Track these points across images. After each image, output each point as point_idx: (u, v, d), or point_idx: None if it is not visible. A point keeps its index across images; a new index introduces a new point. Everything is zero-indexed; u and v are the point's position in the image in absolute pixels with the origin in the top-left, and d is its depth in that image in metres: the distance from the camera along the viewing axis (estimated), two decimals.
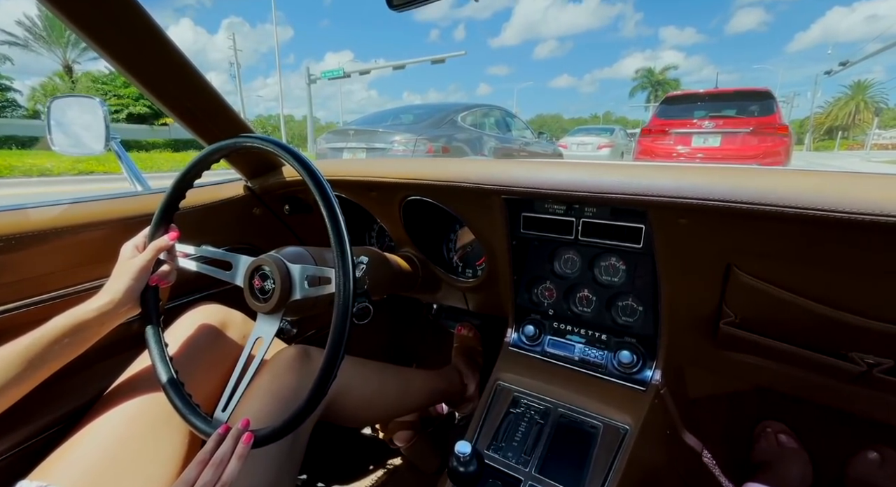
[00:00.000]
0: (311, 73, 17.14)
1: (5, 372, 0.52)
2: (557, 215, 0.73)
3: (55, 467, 0.59)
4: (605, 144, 9.39)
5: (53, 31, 22.76)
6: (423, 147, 4.58)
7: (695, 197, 0.52)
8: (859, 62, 21.21)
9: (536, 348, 0.83)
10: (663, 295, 0.69)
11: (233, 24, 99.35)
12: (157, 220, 0.65)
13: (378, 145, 4.57)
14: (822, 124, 41.45)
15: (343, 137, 4.84)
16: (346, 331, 0.49)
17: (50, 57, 23.47)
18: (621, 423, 0.68)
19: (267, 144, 0.58)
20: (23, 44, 23.02)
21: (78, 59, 23.97)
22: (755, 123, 4.88)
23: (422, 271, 0.97)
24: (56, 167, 7.96)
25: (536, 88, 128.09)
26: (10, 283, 0.61)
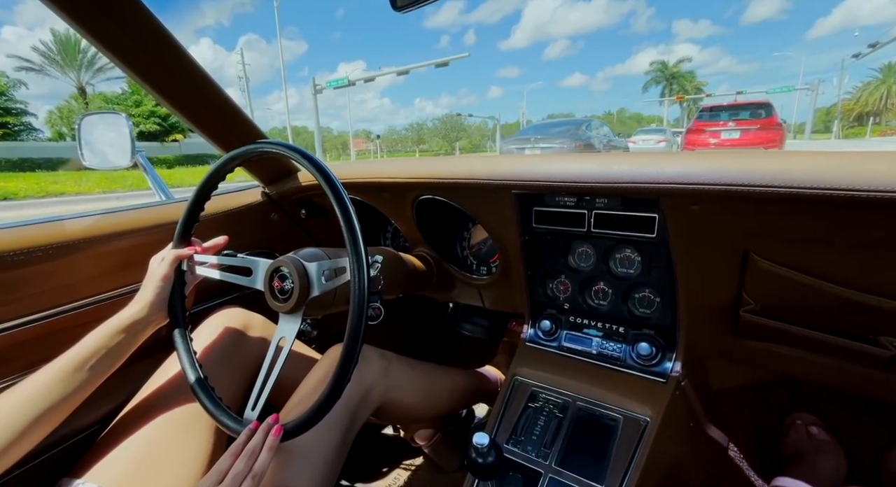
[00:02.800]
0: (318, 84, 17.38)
1: (57, 389, 0.55)
2: (569, 208, 0.73)
3: (92, 465, 0.62)
4: (662, 139, 13.42)
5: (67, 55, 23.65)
6: (571, 145, 8.34)
7: (705, 182, 0.52)
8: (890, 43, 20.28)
9: (553, 343, 0.83)
10: (680, 285, 0.68)
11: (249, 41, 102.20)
12: (179, 234, 0.69)
13: (544, 145, 8.26)
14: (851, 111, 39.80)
15: (523, 142, 8.85)
16: (364, 315, 0.50)
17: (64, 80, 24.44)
18: (641, 415, 0.68)
19: (282, 149, 0.60)
20: (38, 69, 23.99)
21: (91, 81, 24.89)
22: (761, 123, 8.35)
23: (436, 270, 0.98)
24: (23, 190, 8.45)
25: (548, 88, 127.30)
26: (47, 290, 0.65)
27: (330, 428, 0.65)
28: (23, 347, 0.63)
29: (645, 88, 53.37)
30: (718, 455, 0.83)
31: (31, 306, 0.63)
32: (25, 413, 0.53)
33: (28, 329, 0.63)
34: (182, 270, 0.69)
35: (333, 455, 0.64)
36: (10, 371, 0.63)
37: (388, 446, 1.16)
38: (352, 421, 0.69)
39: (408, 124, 54.56)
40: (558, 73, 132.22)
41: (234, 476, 0.50)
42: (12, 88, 22.74)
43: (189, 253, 0.69)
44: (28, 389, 0.54)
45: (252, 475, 0.51)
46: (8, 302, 0.61)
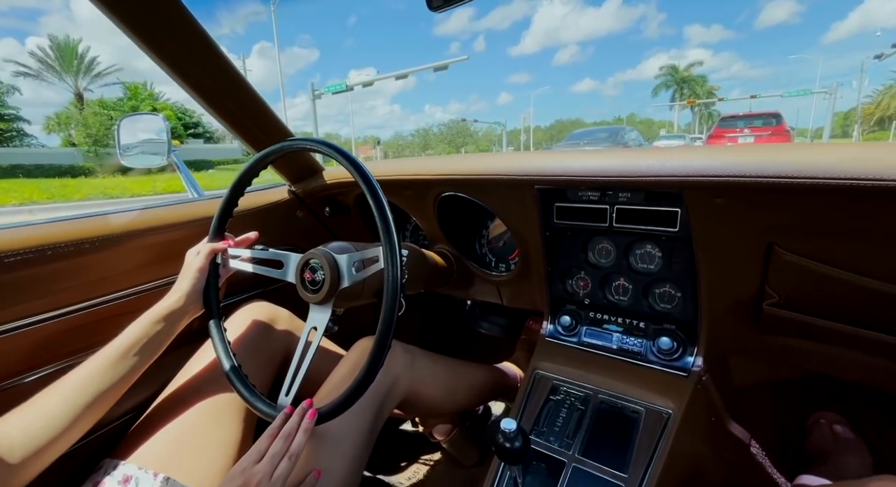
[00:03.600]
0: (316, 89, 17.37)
1: (100, 378, 0.58)
2: (591, 203, 0.74)
3: (132, 447, 0.65)
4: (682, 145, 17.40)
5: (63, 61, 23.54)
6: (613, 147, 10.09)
7: (730, 174, 0.53)
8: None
9: (573, 338, 0.84)
10: (702, 280, 0.68)
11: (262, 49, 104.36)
12: (214, 229, 0.72)
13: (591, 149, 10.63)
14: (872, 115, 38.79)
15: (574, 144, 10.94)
16: (397, 303, 0.52)
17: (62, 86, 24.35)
18: (664, 408, 0.68)
19: (318, 145, 0.62)
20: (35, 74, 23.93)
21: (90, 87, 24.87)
22: (772, 129, 10.37)
23: (456, 267, 1.00)
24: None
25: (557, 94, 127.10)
26: (92, 280, 0.68)
27: (360, 416, 0.67)
28: (69, 334, 0.66)
29: (655, 93, 52.35)
30: (740, 452, 0.83)
31: (77, 295, 0.67)
32: (76, 401, 0.56)
33: (74, 317, 0.66)
34: (216, 263, 0.72)
35: (363, 441, 0.66)
36: (57, 357, 0.66)
37: (407, 440, 1.18)
38: (380, 411, 0.71)
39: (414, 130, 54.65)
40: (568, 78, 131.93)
41: (272, 456, 0.52)
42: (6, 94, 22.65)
43: (223, 247, 0.72)
44: (77, 378, 0.57)
45: (289, 455, 0.53)
46: (58, 291, 0.64)
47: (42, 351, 0.64)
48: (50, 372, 0.65)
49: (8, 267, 0.59)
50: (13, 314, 0.60)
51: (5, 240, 0.58)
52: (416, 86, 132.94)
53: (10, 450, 0.49)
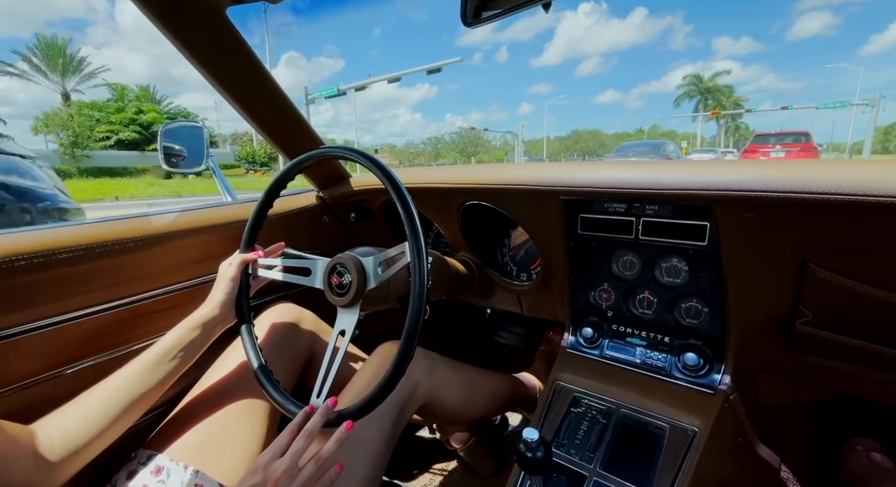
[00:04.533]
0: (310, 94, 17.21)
1: (137, 383, 0.61)
2: (617, 215, 0.74)
3: (164, 439, 0.68)
4: (713, 157, 16.98)
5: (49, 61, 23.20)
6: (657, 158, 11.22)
7: (763, 189, 0.52)
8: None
9: (595, 351, 0.83)
10: (731, 295, 0.67)
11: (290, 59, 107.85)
12: (245, 240, 0.75)
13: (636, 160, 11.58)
14: None
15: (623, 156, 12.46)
16: (423, 306, 0.53)
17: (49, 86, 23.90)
18: (689, 425, 0.67)
19: (350, 153, 0.64)
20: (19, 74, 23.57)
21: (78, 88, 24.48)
22: (801, 146, 12.04)
23: (477, 275, 1.00)
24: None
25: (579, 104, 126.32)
26: (135, 278, 0.72)
27: (382, 419, 0.68)
28: (110, 328, 0.70)
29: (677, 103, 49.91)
30: (769, 476, 0.80)
31: (119, 291, 0.70)
32: (113, 403, 0.58)
33: (115, 312, 0.70)
34: (248, 273, 0.75)
35: (384, 444, 0.67)
36: (97, 350, 0.70)
37: (424, 446, 1.18)
38: (400, 415, 0.72)
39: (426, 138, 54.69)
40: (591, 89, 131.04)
41: (293, 453, 0.53)
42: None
43: (254, 258, 0.75)
44: (115, 382, 0.60)
45: (316, 459, 0.54)
46: (105, 287, 0.68)
47: (84, 345, 0.68)
48: (90, 364, 0.69)
49: (59, 263, 0.62)
50: (61, 308, 0.64)
51: (58, 238, 0.62)
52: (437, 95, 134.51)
53: (51, 450, 0.52)
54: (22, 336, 0.60)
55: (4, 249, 0.58)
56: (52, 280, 0.63)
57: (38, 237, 0.61)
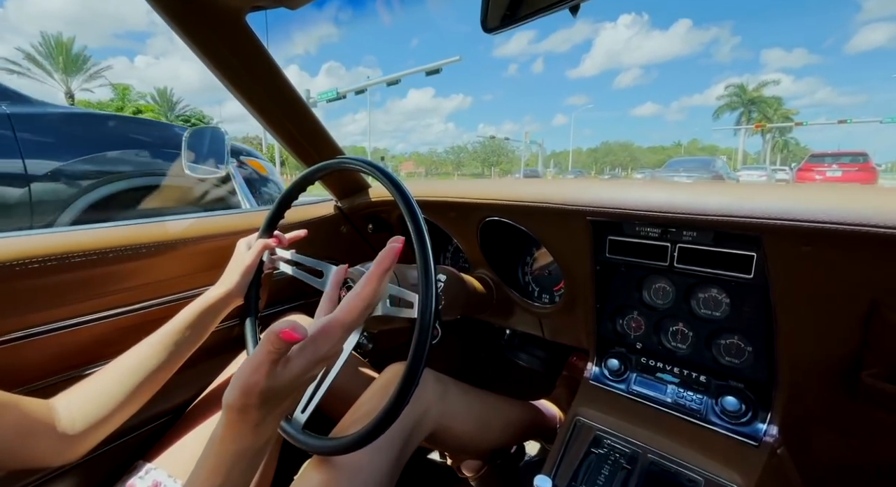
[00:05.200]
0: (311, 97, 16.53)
1: (151, 359, 0.61)
2: (650, 239, 0.67)
3: (163, 452, 0.66)
4: (763, 174, 16.92)
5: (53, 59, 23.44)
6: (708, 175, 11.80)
7: (826, 220, 0.45)
8: None
9: (621, 385, 0.76)
10: (780, 336, 0.59)
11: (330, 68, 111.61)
12: (265, 227, 0.74)
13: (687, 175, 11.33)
14: None
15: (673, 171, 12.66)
16: (429, 340, 0.49)
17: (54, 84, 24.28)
18: (728, 482, 0.59)
19: (364, 166, 0.62)
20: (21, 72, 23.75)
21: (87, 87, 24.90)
22: (858, 166, 11.87)
23: (496, 294, 0.95)
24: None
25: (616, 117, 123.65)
26: (150, 283, 0.72)
27: (384, 448, 0.63)
28: (125, 332, 0.69)
29: (717, 115, 45.73)
30: None
31: (134, 296, 0.70)
32: (129, 380, 0.59)
33: (131, 317, 0.69)
34: (262, 260, 0.74)
35: (386, 474, 0.63)
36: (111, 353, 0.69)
37: (434, 471, 1.12)
38: (406, 443, 0.67)
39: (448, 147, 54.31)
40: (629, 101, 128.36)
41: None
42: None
43: (273, 245, 0.75)
44: (130, 360, 0.61)
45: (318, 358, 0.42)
46: (117, 291, 0.68)
47: (99, 348, 0.67)
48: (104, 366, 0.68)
49: (73, 267, 0.62)
50: (76, 311, 0.64)
51: (72, 242, 0.63)
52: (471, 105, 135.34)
53: (73, 423, 0.54)
54: (39, 337, 0.60)
55: (19, 251, 0.58)
56: (66, 283, 0.63)
57: (52, 240, 0.62)
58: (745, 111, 41.92)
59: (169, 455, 0.66)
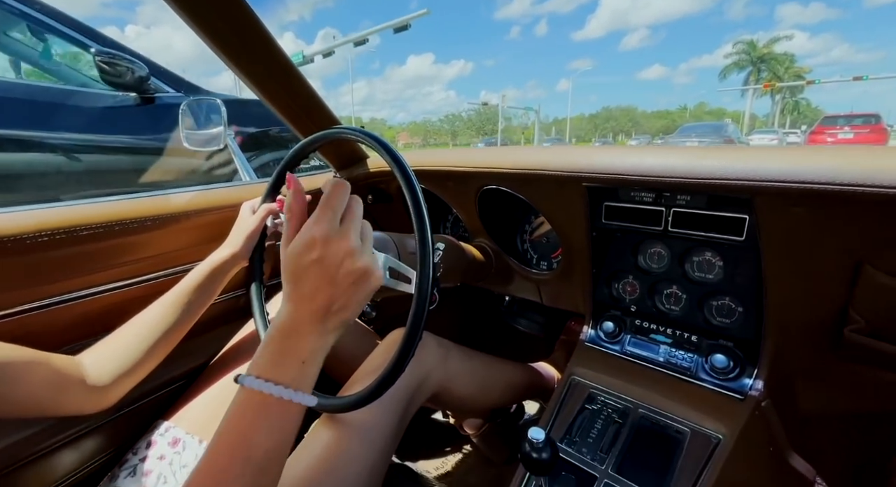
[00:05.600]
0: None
1: (167, 317, 0.65)
2: (645, 204, 0.68)
3: (180, 413, 0.70)
4: (775, 138, 17.53)
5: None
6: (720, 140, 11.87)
7: (816, 180, 0.45)
8: None
9: (615, 346, 0.79)
10: (770, 295, 0.61)
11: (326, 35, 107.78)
12: (268, 193, 0.76)
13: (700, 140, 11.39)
14: None
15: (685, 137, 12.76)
16: (424, 317, 0.51)
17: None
18: (713, 432, 0.62)
19: (361, 136, 0.62)
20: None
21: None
22: (870, 128, 11.89)
23: (495, 261, 0.97)
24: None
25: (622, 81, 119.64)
26: (156, 255, 0.74)
27: (388, 407, 0.67)
28: (134, 302, 0.72)
29: (723, 75, 42.04)
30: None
31: (141, 268, 0.72)
32: (147, 337, 0.63)
33: (138, 288, 0.72)
34: (266, 224, 0.76)
35: (390, 432, 0.67)
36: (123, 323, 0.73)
37: (438, 430, 1.18)
38: (409, 404, 0.71)
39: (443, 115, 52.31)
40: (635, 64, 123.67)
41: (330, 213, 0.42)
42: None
43: (277, 209, 0.77)
44: (147, 318, 0.65)
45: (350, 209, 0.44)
46: (125, 263, 0.70)
47: (110, 319, 0.70)
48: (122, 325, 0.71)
49: (81, 240, 0.64)
50: (86, 282, 0.66)
51: (79, 215, 0.64)
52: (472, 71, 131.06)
53: (101, 376, 0.58)
54: (49, 308, 0.63)
55: (29, 225, 0.60)
56: (75, 255, 0.65)
57: (60, 213, 0.63)
58: (755, 70, 38.88)
59: (186, 414, 0.70)
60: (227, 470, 0.36)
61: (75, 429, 0.65)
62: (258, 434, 0.37)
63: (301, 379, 0.40)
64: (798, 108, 41.30)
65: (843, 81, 31.02)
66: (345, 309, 0.41)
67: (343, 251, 0.41)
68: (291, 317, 0.41)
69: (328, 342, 0.42)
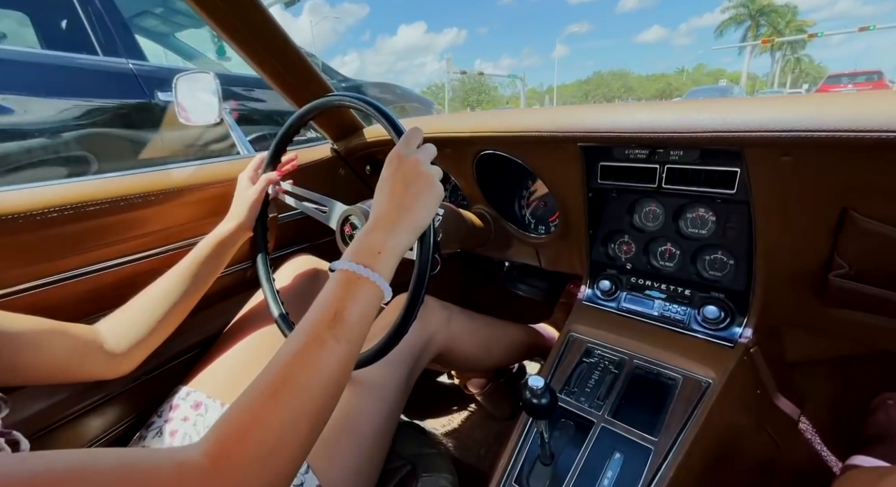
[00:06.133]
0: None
1: (178, 288, 0.68)
2: (639, 162, 0.69)
3: (200, 378, 0.74)
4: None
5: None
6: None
7: (803, 128, 0.46)
8: None
9: (611, 303, 0.82)
10: (759, 247, 0.63)
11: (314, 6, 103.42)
12: (268, 161, 0.77)
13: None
14: None
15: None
16: (429, 263, 0.54)
17: None
18: (703, 377, 0.66)
19: (359, 102, 0.62)
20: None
21: None
22: (872, 85, 12.45)
23: (494, 227, 0.99)
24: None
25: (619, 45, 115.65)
26: (160, 230, 0.75)
27: (396, 366, 0.71)
28: (143, 276, 0.74)
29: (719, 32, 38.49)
30: (787, 426, 0.79)
31: (147, 243, 0.74)
32: (161, 305, 0.66)
33: (146, 262, 0.74)
34: (267, 193, 0.78)
35: (399, 389, 0.71)
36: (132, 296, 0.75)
37: (443, 390, 1.24)
38: (415, 363, 0.75)
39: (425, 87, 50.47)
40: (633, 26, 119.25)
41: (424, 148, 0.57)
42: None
43: (277, 179, 0.78)
44: (159, 288, 0.68)
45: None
46: (132, 238, 0.71)
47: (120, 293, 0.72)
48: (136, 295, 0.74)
49: (88, 216, 0.66)
50: (94, 257, 0.68)
51: (85, 191, 0.65)
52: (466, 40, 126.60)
53: (118, 342, 0.61)
54: (65, 282, 0.65)
55: (38, 201, 0.61)
56: (84, 231, 0.66)
57: (67, 190, 0.64)
58: (753, 24, 35.73)
59: (204, 379, 0.74)
60: (318, 328, 0.41)
61: (100, 395, 0.69)
62: (344, 301, 0.43)
63: (377, 264, 0.46)
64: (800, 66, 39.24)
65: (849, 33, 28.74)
66: (410, 210, 0.50)
67: (413, 162, 0.53)
68: (373, 218, 0.50)
69: (399, 242, 0.49)
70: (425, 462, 0.69)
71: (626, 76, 58.95)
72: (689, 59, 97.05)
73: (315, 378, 0.39)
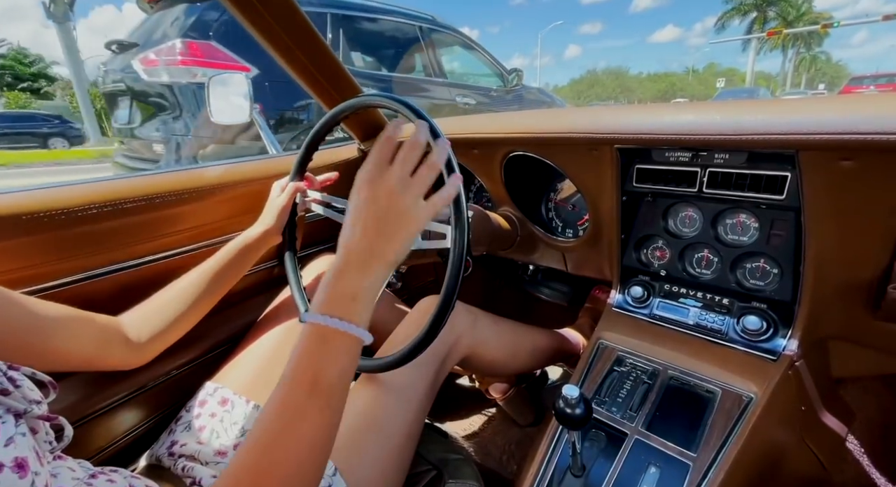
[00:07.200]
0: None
1: (200, 286, 0.69)
2: (680, 165, 0.66)
3: (227, 375, 0.74)
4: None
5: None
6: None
7: (870, 131, 0.43)
8: None
9: (643, 310, 0.79)
10: (809, 255, 0.60)
11: None
12: (295, 170, 0.78)
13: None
14: None
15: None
16: (458, 285, 0.53)
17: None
18: (745, 390, 0.63)
19: (391, 102, 0.61)
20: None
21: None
22: (894, 87, 12.30)
23: (520, 230, 0.97)
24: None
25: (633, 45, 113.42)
26: (190, 228, 0.76)
27: (422, 369, 0.70)
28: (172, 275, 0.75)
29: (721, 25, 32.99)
30: (834, 446, 0.75)
31: (180, 240, 0.75)
32: (181, 301, 0.68)
33: (178, 259, 0.75)
34: (296, 202, 0.79)
35: (426, 391, 0.70)
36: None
37: (465, 394, 1.23)
38: (441, 366, 0.74)
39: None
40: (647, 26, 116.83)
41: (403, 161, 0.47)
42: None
43: (304, 187, 0.79)
44: (183, 284, 0.69)
45: (429, 165, 0.49)
46: (166, 235, 0.73)
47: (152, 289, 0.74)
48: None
49: (125, 213, 0.67)
50: (130, 254, 0.70)
51: (123, 189, 0.67)
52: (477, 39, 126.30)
53: (139, 335, 0.63)
54: (98, 278, 0.67)
55: (80, 198, 0.63)
56: (120, 227, 0.68)
57: (106, 187, 0.66)
58: (760, 16, 30.31)
59: (231, 375, 0.74)
60: (297, 398, 0.39)
61: (134, 389, 0.70)
62: (320, 362, 0.41)
63: (352, 313, 0.42)
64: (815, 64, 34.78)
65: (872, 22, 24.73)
66: (385, 245, 0.45)
67: (386, 189, 0.45)
68: (342, 257, 0.45)
69: (374, 282, 0.45)
70: (451, 468, 0.68)
71: (623, 75, 54.41)
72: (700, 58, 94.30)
73: (300, 451, 0.38)
